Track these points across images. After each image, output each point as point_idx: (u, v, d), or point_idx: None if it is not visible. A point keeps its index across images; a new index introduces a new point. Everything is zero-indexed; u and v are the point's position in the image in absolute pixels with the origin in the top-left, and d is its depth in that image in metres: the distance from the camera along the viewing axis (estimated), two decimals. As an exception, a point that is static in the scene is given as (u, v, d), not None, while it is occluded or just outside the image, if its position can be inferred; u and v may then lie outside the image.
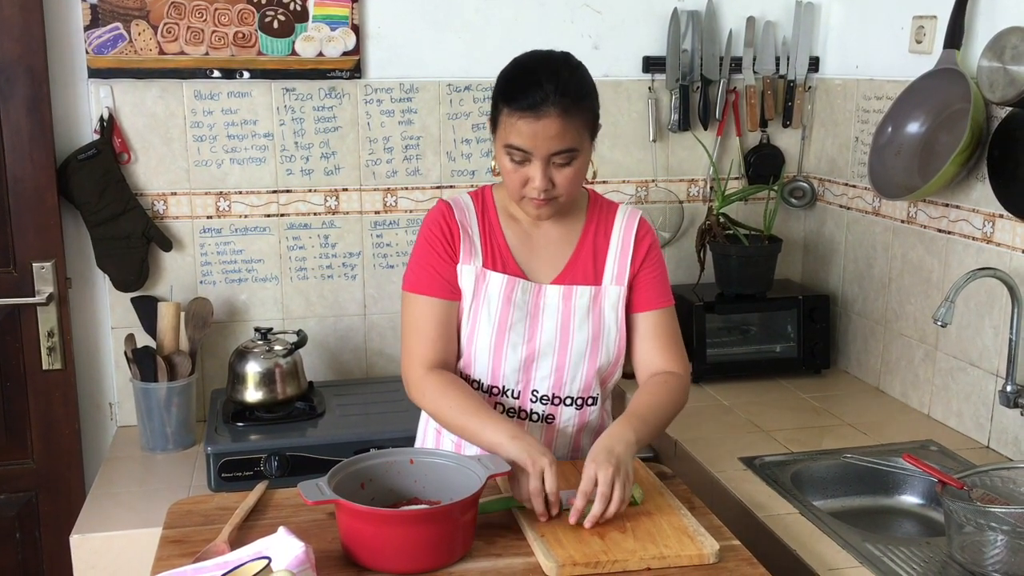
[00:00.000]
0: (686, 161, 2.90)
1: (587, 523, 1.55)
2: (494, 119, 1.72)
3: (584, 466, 1.60)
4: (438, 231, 1.79)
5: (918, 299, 2.48)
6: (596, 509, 1.55)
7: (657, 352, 1.85)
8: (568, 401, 1.81)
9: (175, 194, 2.60)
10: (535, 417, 1.81)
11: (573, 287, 1.79)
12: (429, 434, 1.91)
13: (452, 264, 1.78)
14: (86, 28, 2.46)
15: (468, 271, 1.78)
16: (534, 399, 1.80)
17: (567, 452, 1.86)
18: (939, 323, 2.01)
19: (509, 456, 1.59)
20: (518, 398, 1.80)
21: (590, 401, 1.84)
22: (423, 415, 1.94)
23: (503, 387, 1.80)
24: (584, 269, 1.81)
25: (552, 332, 1.78)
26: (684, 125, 2.84)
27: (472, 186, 2.67)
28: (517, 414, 1.81)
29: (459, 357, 1.82)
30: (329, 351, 2.76)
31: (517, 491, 1.59)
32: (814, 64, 2.89)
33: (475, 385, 1.81)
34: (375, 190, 2.72)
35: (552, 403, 1.81)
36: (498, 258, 1.79)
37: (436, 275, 1.78)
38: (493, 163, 1.77)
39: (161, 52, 2.51)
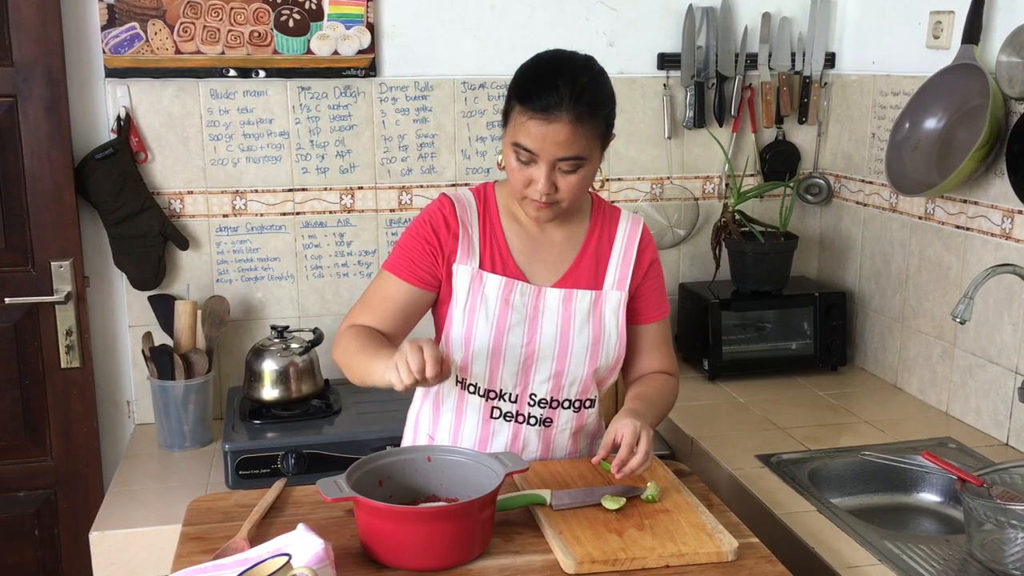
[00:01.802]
0: (701, 158, 2.90)
1: (614, 468, 1.61)
2: (506, 113, 1.70)
3: (607, 429, 1.67)
4: (430, 225, 1.77)
5: (936, 296, 2.47)
6: (623, 452, 1.60)
7: (655, 358, 1.87)
8: (566, 404, 1.81)
9: (191, 193, 2.61)
10: (532, 421, 1.80)
11: (574, 291, 1.78)
12: (420, 439, 1.89)
13: (433, 257, 1.76)
14: (103, 28, 2.47)
15: (464, 271, 1.76)
16: (532, 403, 1.79)
17: (564, 455, 1.85)
18: (958, 320, 1.99)
19: (388, 376, 1.54)
20: (516, 402, 1.79)
21: (588, 404, 1.83)
22: (408, 420, 1.93)
23: (500, 390, 1.78)
24: (586, 274, 1.80)
25: (552, 335, 1.76)
26: (699, 122, 2.84)
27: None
28: (515, 417, 1.79)
29: (454, 358, 1.79)
30: (345, 349, 2.76)
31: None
32: (830, 60, 2.88)
33: (472, 388, 1.78)
34: (390, 188, 2.72)
35: (550, 406, 1.80)
36: (497, 259, 1.77)
37: (412, 262, 1.76)
38: (500, 157, 1.76)
39: (177, 51, 2.52)
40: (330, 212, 2.70)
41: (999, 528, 1.64)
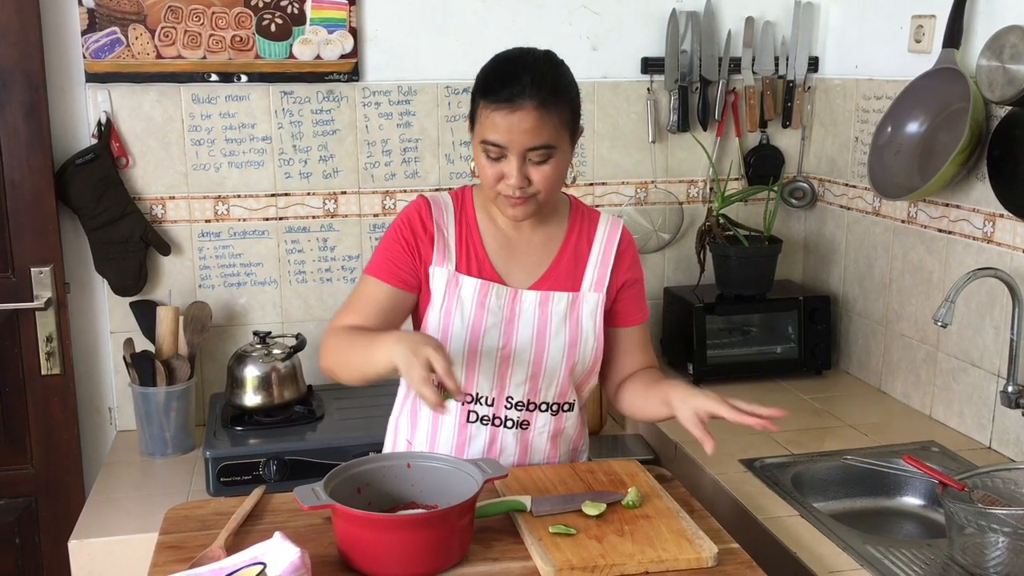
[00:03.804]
0: (685, 162, 2.90)
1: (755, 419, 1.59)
2: (472, 116, 1.70)
3: (683, 407, 1.65)
4: (408, 226, 1.77)
5: (919, 299, 2.47)
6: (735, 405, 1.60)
7: (637, 358, 1.86)
8: (543, 407, 1.80)
9: (173, 198, 2.60)
10: (509, 423, 1.79)
11: (551, 293, 1.77)
12: (399, 445, 1.89)
13: (412, 258, 1.76)
14: (83, 33, 2.46)
15: (440, 273, 1.75)
16: (508, 405, 1.78)
17: (542, 458, 1.84)
18: (939, 323, 2.00)
19: (394, 357, 1.52)
20: (492, 405, 1.78)
21: (566, 407, 1.82)
22: (388, 427, 1.92)
23: (476, 394, 1.77)
24: (563, 276, 1.79)
25: (528, 338, 1.76)
26: (683, 126, 2.84)
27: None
28: (491, 421, 1.79)
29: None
30: (328, 354, 2.75)
31: (410, 384, 1.51)
32: (813, 64, 2.88)
33: (447, 393, 1.77)
34: (374, 193, 2.72)
35: (527, 409, 1.79)
36: (473, 261, 1.77)
37: (392, 264, 1.76)
38: (472, 164, 1.76)
39: (158, 56, 2.50)
40: (313, 217, 2.69)
41: (980, 532, 1.64)
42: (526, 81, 1.60)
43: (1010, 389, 2.08)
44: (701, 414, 1.63)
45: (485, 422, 1.78)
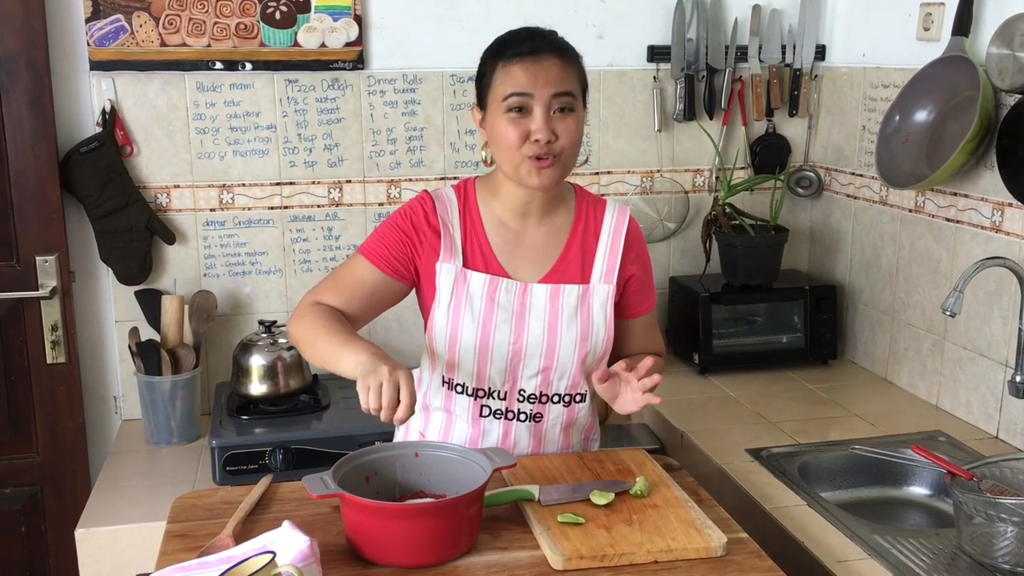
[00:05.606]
0: (691, 151, 2.88)
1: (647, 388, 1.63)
2: (483, 89, 1.70)
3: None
4: (409, 221, 1.76)
5: (926, 289, 2.47)
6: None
7: (643, 345, 1.88)
8: (556, 399, 1.80)
9: (178, 187, 2.59)
10: (523, 416, 1.79)
11: (561, 286, 1.76)
12: (412, 438, 1.88)
13: (409, 249, 1.75)
14: (87, 20, 2.44)
15: (448, 269, 1.74)
16: (521, 398, 1.78)
17: (555, 448, 1.84)
18: (948, 313, 1.98)
19: (363, 367, 1.50)
20: (505, 399, 1.77)
21: (578, 398, 1.82)
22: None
23: (489, 388, 1.77)
24: (573, 268, 1.78)
25: (539, 331, 1.75)
26: (689, 115, 2.82)
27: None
28: (504, 414, 1.78)
29: (437, 357, 1.77)
30: (333, 344, 2.75)
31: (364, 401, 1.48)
32: (820, 52, 2.87)
33: (459, 388, 1.77)
34: (379, 182, 2.71)
35: (540, 402, 1.79)
36: (479, 257, 1.75)
37: (386, 250, 1.75)
38: (484, 152, 1.75)
39: (163, 44, 2.49)
40: (318, 206, 2.68)
41: (989, 522, 1.64)
42: (543, 39, 1.68)
43: (1018, 379, 2.08)
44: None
45: (498, 416, 1.78)
